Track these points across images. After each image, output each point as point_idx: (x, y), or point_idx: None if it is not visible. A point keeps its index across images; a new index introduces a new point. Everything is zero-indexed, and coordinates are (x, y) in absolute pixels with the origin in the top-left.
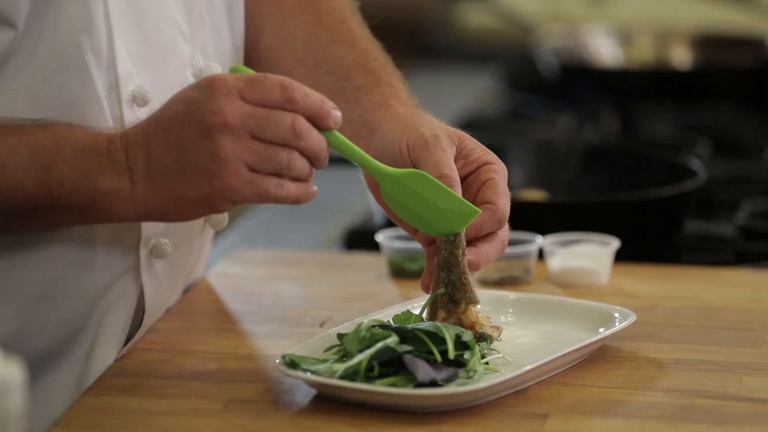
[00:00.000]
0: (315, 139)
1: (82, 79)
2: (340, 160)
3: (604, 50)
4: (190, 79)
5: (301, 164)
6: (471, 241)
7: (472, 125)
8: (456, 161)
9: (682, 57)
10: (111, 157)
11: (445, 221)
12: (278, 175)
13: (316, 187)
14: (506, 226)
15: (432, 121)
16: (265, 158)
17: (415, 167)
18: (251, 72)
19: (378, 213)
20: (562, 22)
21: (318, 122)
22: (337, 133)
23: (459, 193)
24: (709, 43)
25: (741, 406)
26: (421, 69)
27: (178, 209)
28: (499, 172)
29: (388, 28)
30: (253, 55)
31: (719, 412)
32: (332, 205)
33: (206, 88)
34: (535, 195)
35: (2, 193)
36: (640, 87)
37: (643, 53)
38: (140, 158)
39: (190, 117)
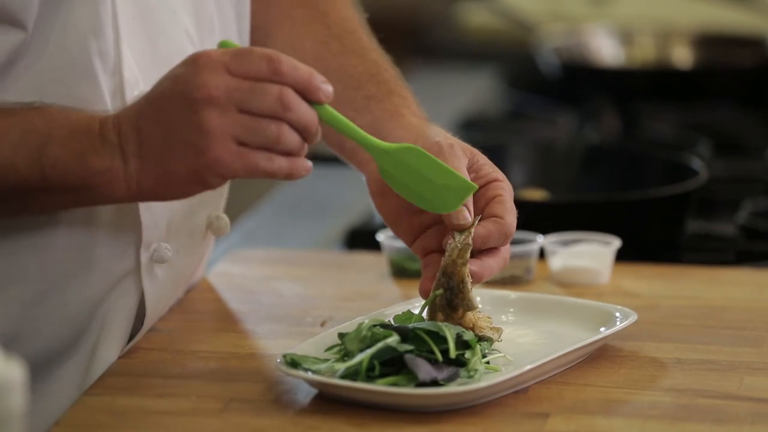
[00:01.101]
0: (304, 111)
1: (89, 82)
2: (340, 160)
3: (605, 50)
4: None
5: (291, 137)
6: (475, 254)
7: (473, 125)
8: (468, 174)
9: (683, 56)
10: (103, 137)
11: (441, 197)
12: (268, 149)
13: (310, 162)
14: (508, 244)
15: (445, 133)
16: (253, 131)
17: None
18: (239, 46)
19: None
20: (563, 22)
21: (308, 95)
22: (329, 108)
23: (470, 199)
24: (709, 43)
25: (742, 406)
26: (422, 68)
27: (170, 186)
28: (506, 190)
29: (388, 28)
30: None
31: (720, 412)
32: (333, 204)
33: (192, 63)
34: (535, 194)
35: None
36: (641, 86)
37: (644, 53)
38: (131, 137)
39: (176, 93)
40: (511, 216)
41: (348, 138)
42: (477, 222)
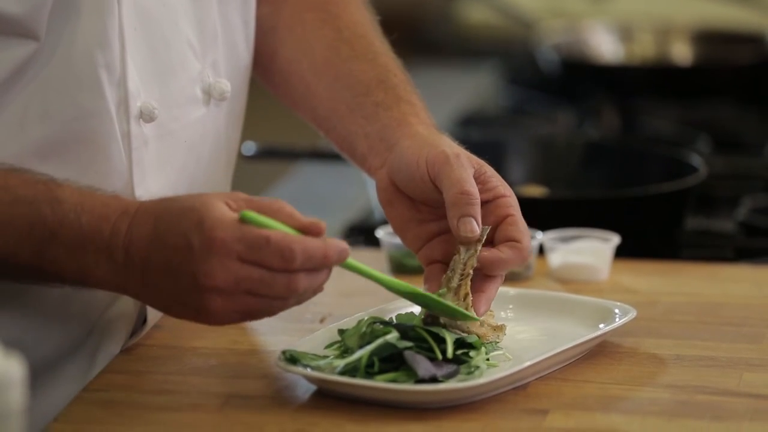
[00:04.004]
0: (315, 284)
1: (94, 94)
2: (340, 156)
3: (605, 46)
4: (199, 95)
5: (297, 300)
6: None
7: (473, 121)
8: None
9: (682, 53)
10: (109, 252)
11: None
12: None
13: (322, 287)
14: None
15: (451, 143)
16: (257, 310)
17: (433, 183)
18: (260, 222)
19: (379, 210)
20: (563, 18)
21: (323, 268)
22: (349, 260)
23: (478, 210)
24: (709, 39)
25: (741, 402)
26: (422, 65)
27: (166, 313)
28: (515, 206)
29: (388, 24)
30: (271, 67)
31: (719, 408)
32: (332, 200)
33: (206, 244)
34: (535, 191)
35: None
36: (641, 83)
37: (644, 49)
38: (138, 268)
39: (186, 264)
40: (526, 238)
41: (370, 280)
42: (484, 238)
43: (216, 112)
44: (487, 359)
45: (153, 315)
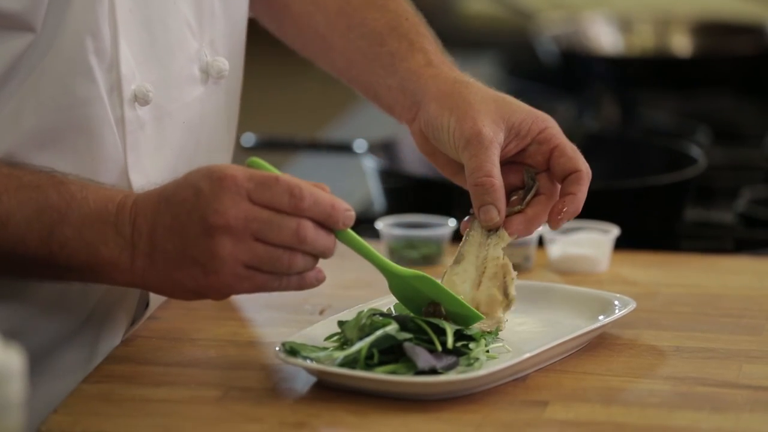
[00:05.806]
0: (321, 242)
1: (86, 80)
2: (339, 147)
3: (605, 37)
4: (197, 74)
5: (303, 262)
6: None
7: None
8: (509, 141)
9: (682, 44)
10: (117, 228)
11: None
12: (278, 273)
13: (323, 273)
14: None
15: (474, 95)
16: (264, 260)
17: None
18: (267, 167)
19: (378, 200)
20: (563, 9)
21: (328, 225)
22: (350, 232)
23: (497, 196)
24: (709, 31)
25: (740, 394)
26: None
27: (173, 292)
28: (557, 134)
29: None
30: (285, 21)
31: (719, 400)
32: (332, 192)
33: (216, 183)
34: None
35: (2, 246)
36: (640, 74)
37: (644, 40)
38: (144, 236)
39: (195, 210)
40: (580, 162)
41: (365, 259)
42: (536, 183)
43: (214, 91)
44: (487, 351)
45: (154, 302)
